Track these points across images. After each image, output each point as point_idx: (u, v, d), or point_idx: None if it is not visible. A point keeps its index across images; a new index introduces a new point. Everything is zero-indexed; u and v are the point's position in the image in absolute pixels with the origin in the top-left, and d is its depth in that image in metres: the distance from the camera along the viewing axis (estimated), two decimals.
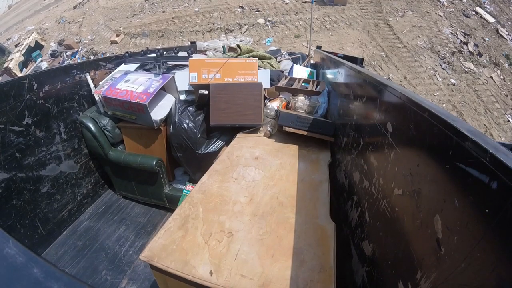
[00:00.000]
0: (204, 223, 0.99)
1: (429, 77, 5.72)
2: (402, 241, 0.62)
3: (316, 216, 1.01)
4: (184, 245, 0.90)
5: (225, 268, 0.82)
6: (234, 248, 0.89)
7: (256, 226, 0.99)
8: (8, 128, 1.43)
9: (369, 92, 0.99)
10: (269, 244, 0.90)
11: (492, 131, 5.25)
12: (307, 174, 1.29)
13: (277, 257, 0.86)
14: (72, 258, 1.63)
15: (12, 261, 0.38)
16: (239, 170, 1.32)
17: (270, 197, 1.14)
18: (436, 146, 0.53)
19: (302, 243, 0.90)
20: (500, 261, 0.35)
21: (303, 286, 0.77)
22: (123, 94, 1.78)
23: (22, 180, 1.52)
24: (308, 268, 0.82)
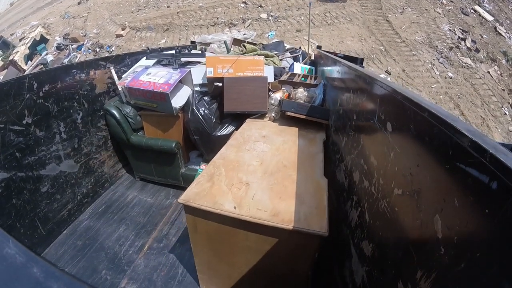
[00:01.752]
0: (226, 178, 1.28)
1: (427, 70, 5.84)
2: (402, 241, 0.62)
3: (312, 174, 1.30)
4: (212, 192, 1.18)
5: (245, 204, 1.11)
6: (251, 193, 1.18)
7: (266, 179, 1.27)
8: (8, 127, 1.43)
9: (369, 92, 0.99)
10: (277, 191, 1.19)
11: (489, 122, 5.34)
12: (305, 147, 1.56)
13: (284, 199, 1.13)
14: (72, 258, 1.63)
15: (12, 261, 0.38)
16: (250, 144, 1.61)
17: (276, 161, 1.42)
18: (436, 146, 0.53)
19: (302, 190, 1.18)
20: (500, 261, 0.35)
21: (304, 216, 1.04)
22: (146, 85, 2.02)
23: (22, 179, 1.51)
24: (307, 206, 1.09)
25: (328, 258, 1.26)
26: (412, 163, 0.62)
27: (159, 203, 2.13)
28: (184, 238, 1.80)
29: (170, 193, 2.26)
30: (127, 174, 2.50)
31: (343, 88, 1.47)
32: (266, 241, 1.10)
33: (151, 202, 2.14)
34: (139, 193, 2.25)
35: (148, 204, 2.11)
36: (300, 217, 1.04)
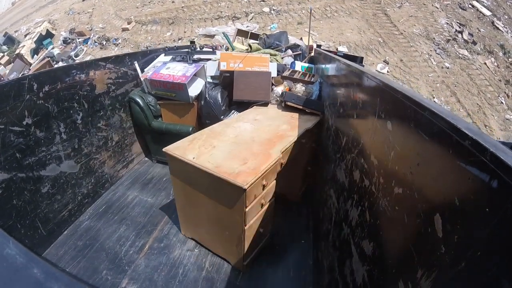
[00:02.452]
0: (202, 141, 1.64)
1: (424, 60, 6.00)
2: (403, 240, 0.62)
3: (271, 148, 1.56)
4: (187, 147, 1.57)
5: (202, 158, 1.45)
6: (212, 152, 1.51)
7: (231, 146, 1.58)
8: (8, 128, 1.43)
9: (369, 90, 0.99)
10: (233, 154, 1.50)
11: (485, 110, 5.43)
12: (284, 131, 1.79)
13: (233, 160, 1.43)
14: (72, 258, 1.63)
15: (12, 262, 0.38)
16: (239, 123, 1.93)
17: (250, 137, 1.71)
18: (437, 144, 0.53)
19: (251, 157, 1.46)
20: (501, 260, 0.35)
21: (237, 172, 1.32)
22: (166, 77, 2.40)
23: (22, 180, 1.51)
24: (246, 167, 1.37)
25: (329, 257, 1.26)
26: (413, 162, 0.62)
27: (160, 203, 2.13)
28: (184, 237, 1.81)
29: (170, 193, 2.26)
30: (127, 174, 2.50)
31: (344, 87, 1.47)
32: (213, 188, 1.42)
33: (152, 202, 2.14)
34: (139, 193, 2.25)
35: (148, 204, 2.11)
36: (234, 172, 1.32)
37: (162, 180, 2.44)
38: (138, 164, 2.70)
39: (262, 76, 2.42)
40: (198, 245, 1.75)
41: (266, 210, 1.57)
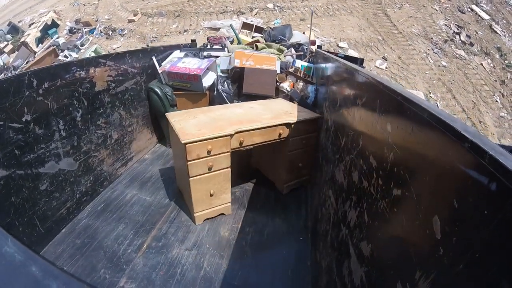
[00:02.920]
0: (192, 114, 2.07)
1: (422, 59, 6.22)
2: (401, 241, 0.62)
3: (229, 126, 1.82)
4: (179, 115, 2.01)
5: (180, 122, 1.90)
6: (190, 120, 1.94)
7: (206, 120, 1.94)
8: (7, 125, 1.43)
9: (369, 92, 0.99)
10: (200, 124, 1.85)
11: (480, 107, 5.61)
12: (268, 119, 2.01)
13: (195, 126, 1.84)
14: (70, 257, 1.63)
15: (10, 260, 0.38)
16: (234, 108, 2.26)
17: (228, 117, 2.01)
18: (436, 147, 0.53)
19: (210, 128, 1.79)
20: (499, 262, 0.35)
21: (199, 132, 1.73)
22: (183, 69, 2.73)
23: (21, 177, 1.51)
24: (206, 130, 1.76)
25: (327, 257, 1.27)
26: (412, 164, 0.62)
27: (158, 202, 2.13)
28: (183, 237, 1.80)
29: (169, 192, 2.26)
30: (126, 173, 2.50)
31: (344, 88, 1.47)
32: (175, 141, 1.89)
33: (150, 201, 2.14)
34: (138, 192, 2.24)
35: (147, 203, 2.11)
36: (186, 132, 1.72)
37: (161, 178, 2.43)
38: (137, 162, 2.69)
39: (269, 73, 2.83)
40: (197, 245, 1.75)
41: (218, 176, 1.86)
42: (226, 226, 1.92)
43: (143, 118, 2.79)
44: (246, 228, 1.90)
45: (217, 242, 1.78)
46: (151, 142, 2.98)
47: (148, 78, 2.81)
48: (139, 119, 2.71)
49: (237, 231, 1.87)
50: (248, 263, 1.64)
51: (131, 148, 2.60)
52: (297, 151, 2.12)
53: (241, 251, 1.72)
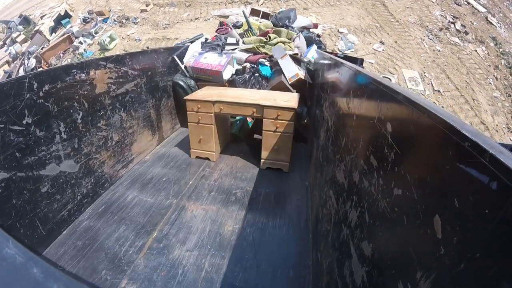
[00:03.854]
0: (210, 90, 2.86)
1: (417, 43, 6.51)
2: (402, 241, 0.62)
3: (220, 98, 2.58)
4: (199, 91, 2.85)
5: (198, 93, 2.77)
6: (204, 92, 2.80)
7: (215, 93, 2.68)
8: (8, 127, 1.43)
9: (369, 92, 0.99)
10: (207, 94, 2.63)
11: (474, 87, 5.80)
12: (256, 100, 2.55)
13: (202, 94, 2.74)
14: (71, 258, 1.63)
15: (12, 261, 0.38)
16: (245, 91, 2.94)
17: (231, 95, 2.64)
18: (436, 146, 0.53)
19: (210, 96, 2.62)
20: (500, 261, 0.35)
21: (201, 97, 2.62)
22: (205, 65, 3.18)
23: (22, 179, 1.51)
24: (205, 97, 2.60)
25: (328, 258, 1.26)
26: (412, 164, 0.62)
27: (159, 203, 2.13)
28: (184, 238, 1.81)
29: (170, 193, 2.26)
30: (127, 174, 2.50)
31: (344, 88, 1.47)
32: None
33: (151, 202, 2.14)
34: (139, 193, 2.25)
35: (148, 204, 2.11)
36: (193, 97, 2.64)
37: (161, 180, 2.44)
38: (138, 164, 2.70)
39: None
40: (198, 246, 1.75)
41: (204, 127, 2.68)
42: (227, 227, 1.92)
43: (144, 120, 2.80)
44: (247, 229, 1.90)
45: (218, 243, 1.78)
46: (151, 144, 2.99)
47: (148, 79, 2.82)
48: (139, 121, 2.71)
49: (238, 232, 1.87)
50: (249, 264, 1.64)
51: (132, 149, 2.61)
52: (270, 132, 2.52)
53: (242, 251, 1.72)
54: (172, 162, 2.76)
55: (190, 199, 2.20)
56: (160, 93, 3.10)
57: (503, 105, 5.76)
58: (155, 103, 3.00)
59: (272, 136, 2.52)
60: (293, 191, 2.34)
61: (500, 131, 5.43)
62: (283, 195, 2.28)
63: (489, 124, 5.43)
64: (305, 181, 2.48)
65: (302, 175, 2.59)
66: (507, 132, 5.46)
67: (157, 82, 3.02)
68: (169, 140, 3.30)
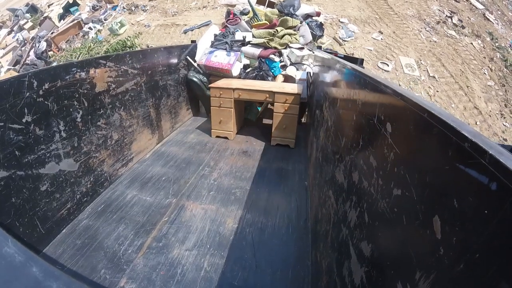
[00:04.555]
0: (229, 80, 3.46)
1: (414, 34, 6.78)
2: (401, 241, 0.62)
3: (240, 86, 3.08)
4: (220, 81, 3.34)
5: (219, 82, 3.28)
6: (225, 82, 3.29)
7: (233, 83, 3.16)
8: (7, 126, 1.43)
9: (368, 92, 0.99)
10: (226, 83, 3.22)
11: (468, 75, 6.01)
12: (268, 88, 3.06)
13: (222, 83, 3.23)
14: (71, 257, 1.63)
15: (11, 260, 0.38)
16: (258, 82, 3.38)
17: (248, 84, 3.12)
18: (436, 146, 0.53)
19: (230, 84, 3.12)
20: (499, 261, 0.35)
21: (222, 85, 3.15)
22: (216, 64, 3.54)
23: (21, 178, 1.51)
24: (224, 85, 3.10)
25: (327, 258, 1.27)
26: (412, 164, 0.62)
27: (159, 202, 2.13)
28: (183, 237, 1.81)
29: (169, 192, 2.26)
30: (126, 173, 2.50)
31: (343, 88, 1.47)
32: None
33: (151, 201, 2.14)
34: (138, 192, 2.25)
35: (147, 203, 2.11)
36: (216, 84, 3.16)
37: (161, 179, 2.44)
38: (138, 163, 2.70)
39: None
40: (197, 245, 1.75)
41: (224, 111, 3.18)
42: (226, 226, 1.92)
43: (144, 119, 2.79)
44: (246, 229, 1.90)
45: (218, 243, 1.78)
46: (151, 143, 2.99)
47: (148, 78, 2.82)
48: (139, 119, 2.71)
49: (237, 231, 1.87)
50: (248, 263, 1.64)
51: (131, 148, 2.60)
52: (280, 114, 3.04)
53: (242, 251, 1.72)
54: (171, 161, 2.76)
55: (189, 198, 2.20)
56: (160, 92, 3.10)
57: (497, 93, 5.95)
58: (155, 102, 3.00)
59: (281, 117, 3.05)
60: (293, 191, 2.34)
61: (494, 116, 5.58)
62: (283, 195, 2.28)
63: (482, 109, 5.58)
64: (305, 181, 2.49)
65: (302, 175, 2.59)
66: (500, 118, 5.61)
67: (157, 81, 3.02)
68: (168, 139, 3.30)
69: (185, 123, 3.81)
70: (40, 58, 7.15)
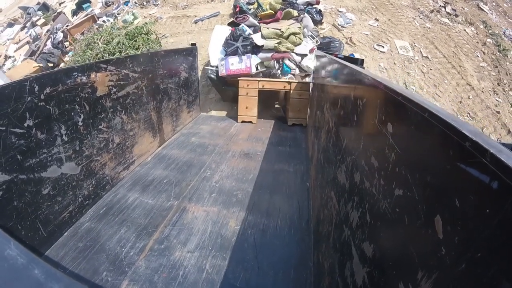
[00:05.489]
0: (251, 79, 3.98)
1: (409, 22, 7.06)
2: (403, 241, 0.62)
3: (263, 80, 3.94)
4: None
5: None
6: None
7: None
8: (9, 130, 1.44)
9: (369, 92, 0.99)
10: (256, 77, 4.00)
11: (460, 56, 6.21)
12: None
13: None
14: (73, 260, 1.63)
15: (13, 262, 0.38)
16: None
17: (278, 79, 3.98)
18: (437, 146, 0.53)
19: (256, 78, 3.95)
20: (501, 261, 0.35)
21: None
22: (237, 71, 3.85)
23: (23, 182, 1.52)
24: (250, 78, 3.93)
25: (329, 258, 1.26)
26: (413, 164, 0.62)
27: (160, 205, 2.13)
28: (185, 239, 1.81)
29: (171, 195, 2.26)
30: (128, 176, 2.50)
31: (344, 89, 1.47)
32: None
33: (152, 204, 2.14)
34: (140, 195, 2.25)
35: (149, 206, 2.11)
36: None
37: (163, 182, 2.44)
38: (139, 166, 2.70)
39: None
40: (199, 247, 1.75)
41: (250, 98, 3.88)
42: (228, 228, 1.91)
43: (145, 122, 2.80)
44: (248, 230, 1.90)
45: (219, 244, 1.77)
46: (153, 146, 2.99)
47: (149, 82, 2.83)
48: (140, 123, 2.72)
49: (239, 233, 1.87)
50: (250, 265, 1.64)
51: (133, 152, 2.61)
52: (295, 99, 3.82)
53: (243, 253, 1.72)
54: (173, 164, 2.76)
55: (191, 200, 2.20)
56: (161, 95, 3.11)
57: (490, 74, 6.12)
58: (156, 105, 3.01)
59: (296, 101, 3.83)
60: (295, 192, 2.34)
61: (486, 93, 5.75)
62: (285, 196, 2.28)
63: (475, 86, 5.75)
64: (306, 182, 2.48)
65: (303, 176, 2.59)
66: (493, 94, 5.79)
67: (157, 84, 3.03)
68: (170, 142, 3.31)
69: (186, 126, 3.82)
70: (57, 48, 7.44)
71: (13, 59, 7.93)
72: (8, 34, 8.97)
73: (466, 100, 5.48)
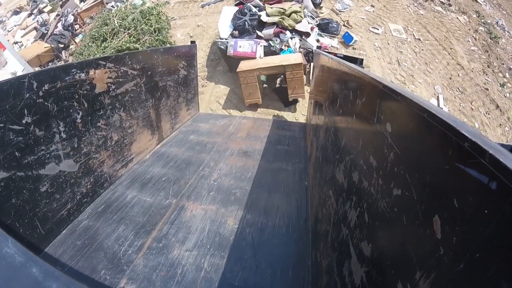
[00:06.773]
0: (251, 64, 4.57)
1: (403, 8, 7.46)
2: (401, 241, 0.62)
3: (263, 65, 4.52)
4: (242, 65, 4.60)
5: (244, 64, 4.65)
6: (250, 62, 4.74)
7: (256, 62, 4.67)
8: (7, 127, 1.43)
9: (368, 92, 0.99)
10: (251, 64, 4.61)
11: (452, 40, 6.55)
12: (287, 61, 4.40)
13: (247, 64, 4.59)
14: (71, 258, 1.63)
15: (11, 261, 0.38)
16: (267, 59, 4.69)
17: (270, 60, 4.60)
18: (436, 146, 0.53)
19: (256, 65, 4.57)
20: (499, 261, 0.35)
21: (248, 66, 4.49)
22: (243, 53, 4.61)
23: (21, 179, 1.51)
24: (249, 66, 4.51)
25: (328, 258, 1.27)
26: (412, 164, 0.62)
27: (159, 203, 2.13)
28: (183, 238, 1.81)
29: (169, 192, 2.26)
30: (126, 174, 2.50)
31: (343, 88, 1.47)
32: None
33: (151, 202, 2.14)
34: (138, 193, 2.25)
35: (147, 204, 2.11)
36: (245, 66, 4.46)
37: (161, 180, 2.44)
38: (138, 163, 2.70)
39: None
40: (197, 246, 1.75)
41: (251, 85, 4.45)
42: (227, 227, 1.92)
43: (143, 120, 2.79)
44: (246, 229, 1.90)
45: (218, 243, 1.78)
46: (151, 144, 2.99)
47: (148, 79, 2.82)
48: (139, 120, 2.71)
49: (237, 232, 1.87)
50: (249, 263, 1.64)
51: (131, 149, 2.60)
52: (291, 78, 4.33)
53: (242, 251, 1.72)
54: (171, 161, 2.76)
55: (189, 198, 2.19)
56: (159, 93, 3.10)
57: (480, 57, 6.46)
58: (155, 103, 3.00)
59: (292, 80, 4.35)
60: (293, 191, 2.34)
61: (476, 73, 6.10)
62: (283, 195, 2.28)
63: (465, 66, 6.07)
64: (305, 181, 2.48)
65: (302, 175, 2.59)
66: (483, 74, 6.13)
67: (156, 81, 3.02)
68: (168, 139, 3.30)
69: (185, 123, 3.81)
70: (68, 30, 7.63)
71: (20, 44, 8.07)
72: (15, 21, 9.17)
73: (456, 78, 5.76)
